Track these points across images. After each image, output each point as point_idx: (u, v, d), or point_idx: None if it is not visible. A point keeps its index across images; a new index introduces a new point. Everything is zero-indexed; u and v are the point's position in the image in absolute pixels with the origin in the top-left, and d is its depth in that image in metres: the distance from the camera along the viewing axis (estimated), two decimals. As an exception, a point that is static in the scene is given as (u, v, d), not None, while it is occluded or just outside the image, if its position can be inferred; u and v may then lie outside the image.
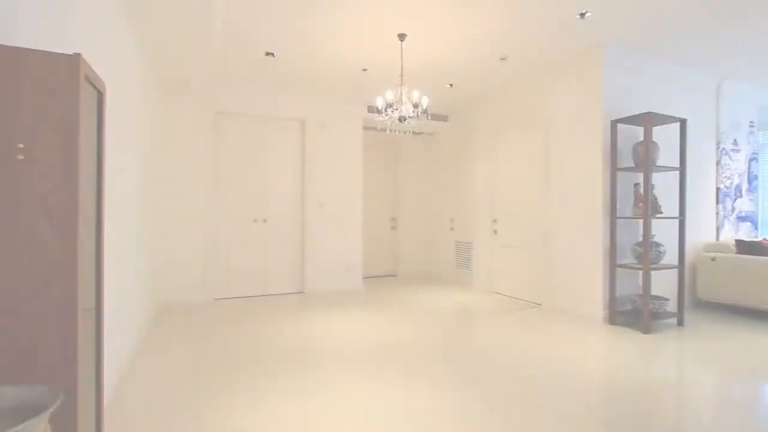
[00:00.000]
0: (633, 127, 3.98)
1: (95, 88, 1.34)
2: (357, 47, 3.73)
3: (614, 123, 3.71)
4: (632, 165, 3.88)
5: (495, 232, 5.23)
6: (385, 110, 3.39)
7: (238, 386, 2.36)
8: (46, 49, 1.12)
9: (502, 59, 4.03)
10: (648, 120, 3.45)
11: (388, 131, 3.97)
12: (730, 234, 4.86)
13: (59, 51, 1.13)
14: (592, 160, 3.87)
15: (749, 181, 5.09)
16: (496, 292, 5.18)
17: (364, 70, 4.30)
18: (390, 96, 3.34)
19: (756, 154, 5.16)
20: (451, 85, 4.83)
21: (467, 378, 2.50)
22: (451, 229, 6.22)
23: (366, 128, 6.24)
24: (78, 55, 1.10)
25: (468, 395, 2.25)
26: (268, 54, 3.87)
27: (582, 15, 3.15)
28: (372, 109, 5.49)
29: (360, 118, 5.42)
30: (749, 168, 5.09)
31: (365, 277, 6.41)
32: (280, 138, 5.10)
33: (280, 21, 3.24)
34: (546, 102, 4.37)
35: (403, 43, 3.62)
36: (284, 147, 5.12)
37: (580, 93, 4.00)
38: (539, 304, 4.47)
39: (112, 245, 2.31)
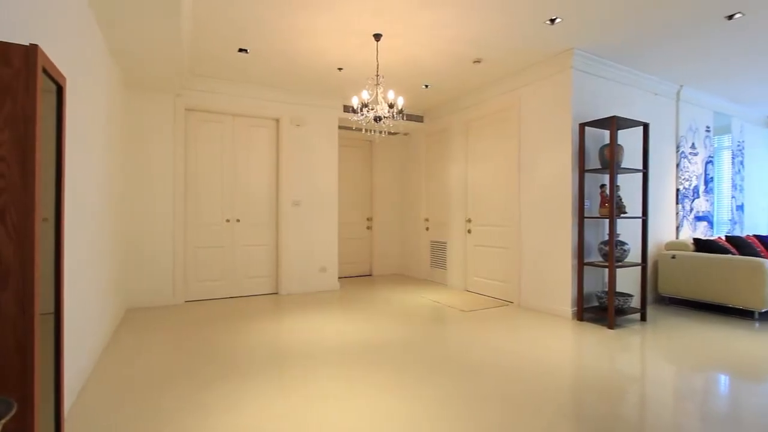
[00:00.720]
0: (600, 130, 4.14)
1: (54, 81, 1.27)
2: (332, 46, 3.71)
3: (582, 126, 3.84)
4: (599, 167, 4.03)
5: (469, 231, 5.32)
6: (361, 110, 3.39)
7: (209, 390, 2.31)
8: (1, 40, 1.06)
9: (475, 62, 4.10)
10: (613, 123, 3.58)
11: (363, 131, 3.98)
12: (688, 233, 5.12)
13: (15, 42, 1.07)
14: (562, 162, 3.99)
15: (706, 183, 5.38)
16: (471, 291, 5.27)
17: (340, 69, 4.28)
18: (366, 96, 3.34)
19: (711, 157, 5.46)
20: (427, 86, 4.88)
21: (443, 375, 2.53)
22: (427, 229, 6.28)
23: (342, 127, 6.23)
24: (35, 45, 1.05)
25: (444, 392, 2.28)
26: (241, 51, 3.80)
27: (552, 21, 3.24)
28: (348, 109, 5.47)
29: (335, 117, 5.39)
30: (706, 170, 5.38)
31: (341, 278, 6.39)
32: (254, 136, 5.01)
33: (253, 18, 3.19)
34: (519, 104, 4.47)
35: (379, 43, 3.63)
36: (258, 145, 5.04)
37: (550, 96, 4.12)
38: (512, 302, 4.58)
39: (74, 246, 2.21)
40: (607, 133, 4.19)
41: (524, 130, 4.42)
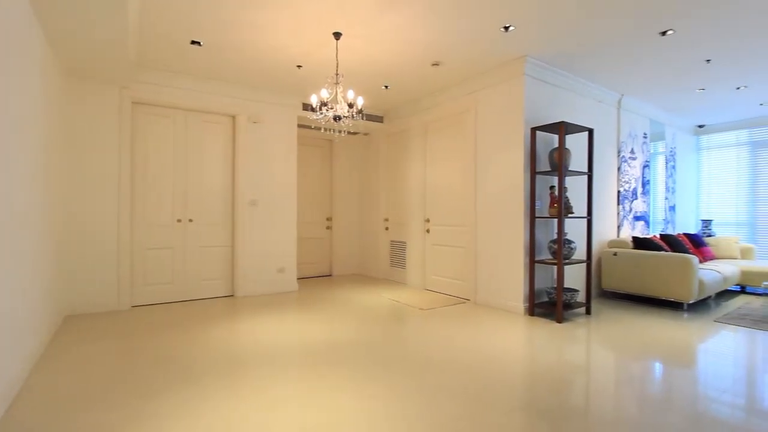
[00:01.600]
0: (550, 134, 4.36)
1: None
2: (292, 43, 3.65)
3: (534, 130, 4.03)
4: (549, 169, 4.25)
5: (428, 231, 5.42)
6: (320, 109, 3.36)
7: (161, 400, 2.20)
8: None
9: (434, 64, 4.19)
10: (562, 129, 3.79)
11: (323, 130, 3.95)
12: (628, 231, 5.51)
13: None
14: (515, 164, 4.17)
15: (643, 186, 5.82)
16: (429, 290, 5.37)
17: (299, 66, 4.22)
18: (325, 94, 3.32)
19: (648, 161, 5.91)
20: (386, 86, 4.91)
21: (403, 373, 2.57)
22: (386, 228, 6.32)
23: (301, 126, 6.14)
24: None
25: (404, 389, 2.32)
26: (193, 43, 3.64)
27: (506, 28, 3.38)
28: (307, 107, 5.40)
29: (294, 115, 5.30)
30: (643, 174, 5.81)
31: (300, 278, 6.30)
32: (208, 133, 4.82)
33: (207, 9, 3.07)
34: (475, 108, 4.62)
35: (339, 42, 3.62)
36: (213, 142, 4.85)
37: (504, 101, 4.28)
38: (468, 300, 4.72)
39: None
40: (556, 137, 4.43)
41: (480, 132, 4.57)
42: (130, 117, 4.26)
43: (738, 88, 4.96)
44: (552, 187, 4.11)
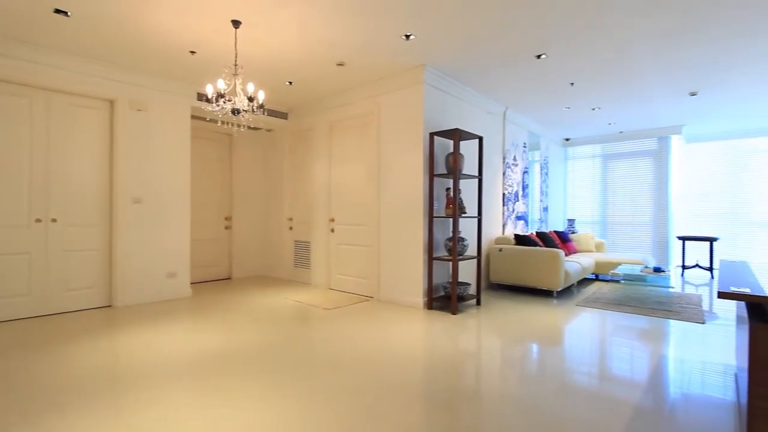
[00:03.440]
0: (446, 139, 4.69)
1: None
2: (183, 25, 3.35)
3: (432, 135, 4.30)
4: (445, 172, 4.56)
5: (332, 231, 5.42)
6: (217, 100, 3.14)
7: (24, 430, 1.84)
8: None
9: (339, 64, 4.20)
10: (456, 135, 4.10)
11: (219, 123, 3.70)
12: (511, 230, 6.19)
13: None
14: (415, 167, 4.39)
15: (523, 189, 6.59)
16: (334, 289, 5.37)
17: (192, 52, 3.88)
18: (222, 85, 3.10)
19: (527, 168, 6.71)
20: (290, 82, 4.79)
21: (306, 374, 2.53)
22: (290, 228, 6.16)
23: (195, 117, 5.66)
24: None
25: (307, 391, 2.28)
26: (58, 12, 3.12)
27: (407, 37, 3.54)
28: (202, 97, 5.00)
29: (188, 105, 4.85)
30: (523, 179, 6.59)
31: (194, 283, 5.80)
32: (78, 118, 4.16)
33: (77, -24, 2.65)
34: (379, 110, 4.75)
35: (238, 30, 3.42)
36: (85, 129, 4.20)
37: (405, 106, 4.49)
38: (372, 297, 4.83)
39: None
40: (451, 142, 4.78)
41: (383, 134, 4.72)
42: (-33, 93, 3.47)
43: (593, 109, 5.91)
44: (448, 189, 4.43)
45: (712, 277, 6.45)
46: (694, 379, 2.52)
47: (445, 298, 4.31)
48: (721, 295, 1.58)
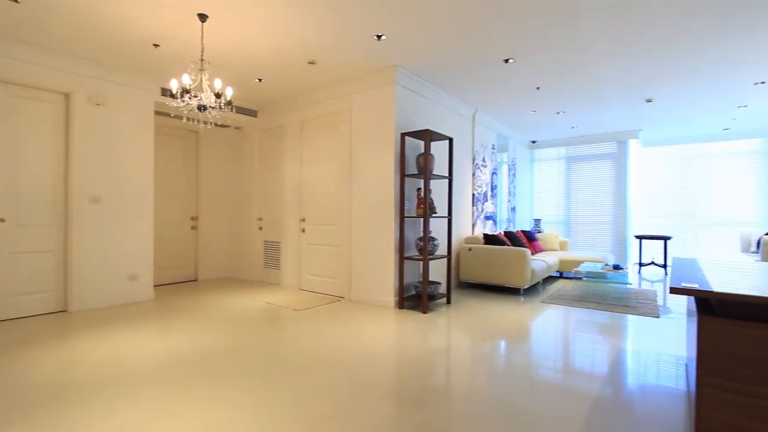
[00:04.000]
0: (417, 140, 4.74)
1: None
2: (146, 16, 3.21)
3: (403, 135, 4.33)
4: (416, 172, 4.61)
5: (303, 231, 5.35)
6: (182, 96, 3.04)
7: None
8: None
9: (310, 63, 4.16)
10: (427, 135, 4.15)
11: (185, 119, 3.59)
12: (480, 229, 6.33)
13: None
14: (387, 166, 4.41)
15: (492, 190, 6.75)
16: (305, 290, 5.31)
17: (156, 45, 3.74)
18: (187, 80, 3.01)
19: (496, 169, 6.88)
20: (260, 79, 4.70)
21: (275, 377, 2.48)
22: (260, 228, 6.04)
23: (160, 113, 5.45)
24: None
25: (276, 393, 2.25)
26: (7, -2, 2.92)
27: (378, 37, 3.55)
28: (167, 92, 4.82)
29: (151, 100, 4.67)
30: (492, 180, 6.74)
31: (158, 285, 5.59)
32: (29, 112, 3.91)
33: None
34: (351, 110, 4.74)
35: (205, 24, 3.32)
36: (37, 123, 3.95)
37: (377, 106, 4.50)
38: (343, 297, 4.81)
39: None
40: (422, 143, 4.83)
41: (355, 134, 4.71)
42: None
43: (558, 113, 6.13)
44: (419, 189, 4.47)
45: (666, 273, 6.84)
46: (649, 370, 2.66)
47: (416, 297, 4.35)
48: (673, 290, 1.68)
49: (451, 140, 4.57)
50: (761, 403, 1.53)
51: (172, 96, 3.02)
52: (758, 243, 5.98)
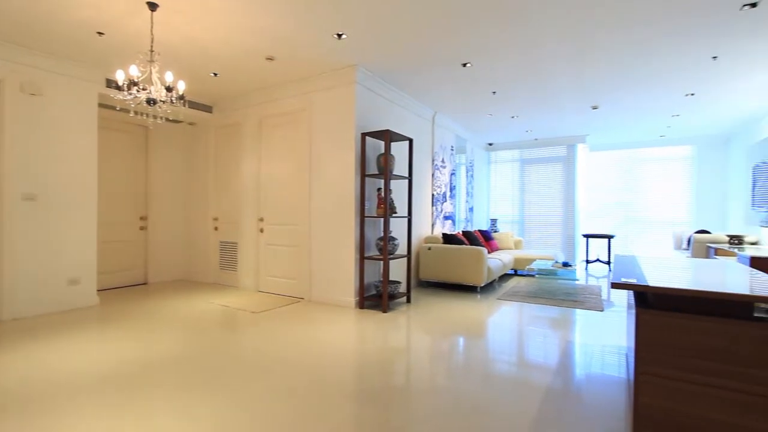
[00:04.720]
0: (377, 140, 4.76)
1: None
2: (88, 3, 3.00)
3: (363, 135, 4.33)
4: (377, 172, 4.62)
5: (262, 231, 5.22)
6: (129, 88, 2.86)
7: None
8: None
9: (268, 59, 4.06)
10: (387, 136, 4.18)
11: (132, 113, 3.39)
12: (439, 229, 6.45)
13: None
14: (347, 166, 4.40)
15: (450, 190, 6.90)
16: (263, 291, 5.18)
17: (101, 34, 3.50)
18: (135, 72, 2.84)
19: (454, 170, 7.04)
20: (216, 74, 4.52)
21: (232, 381, 2.40)
22: (216, 228, 5.82)
23: (105, 106, 5.11)
24: None
25: (233, 398, 2.18)
26: (-77, -27, 2.62)
27: (339, 36, 3.53)
28: (112, 83, 4.53)
29: (95, 92, 4.36)
30: (451, 181, 6.90)
31: (103, 290, 5.24)
32: (-51, 100, 3.53)
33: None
34: (311, 108, 4.67)
35: (155, 13, 3.15)
36: (-42, 114, 3.58)
37: (338, 105, 4.47)
38: (303, 298, 4.74)
39: None
40: (383, 143, 4.86)
41: (315, 133, 4.65)
42: None
43: (513, 117, 6.38)
44: (379, 189, 4.49)
45: (610, 270, 7.31)
46: (594, 360, 2.83)
47: (377, 297, 4.37)
48: (614, 285, 1.80)
49: (411, 141, 4.63)
50: (692, 387, 1.68)
51: (118, 88, 2.84)
52: (689, 241, 6.54)
